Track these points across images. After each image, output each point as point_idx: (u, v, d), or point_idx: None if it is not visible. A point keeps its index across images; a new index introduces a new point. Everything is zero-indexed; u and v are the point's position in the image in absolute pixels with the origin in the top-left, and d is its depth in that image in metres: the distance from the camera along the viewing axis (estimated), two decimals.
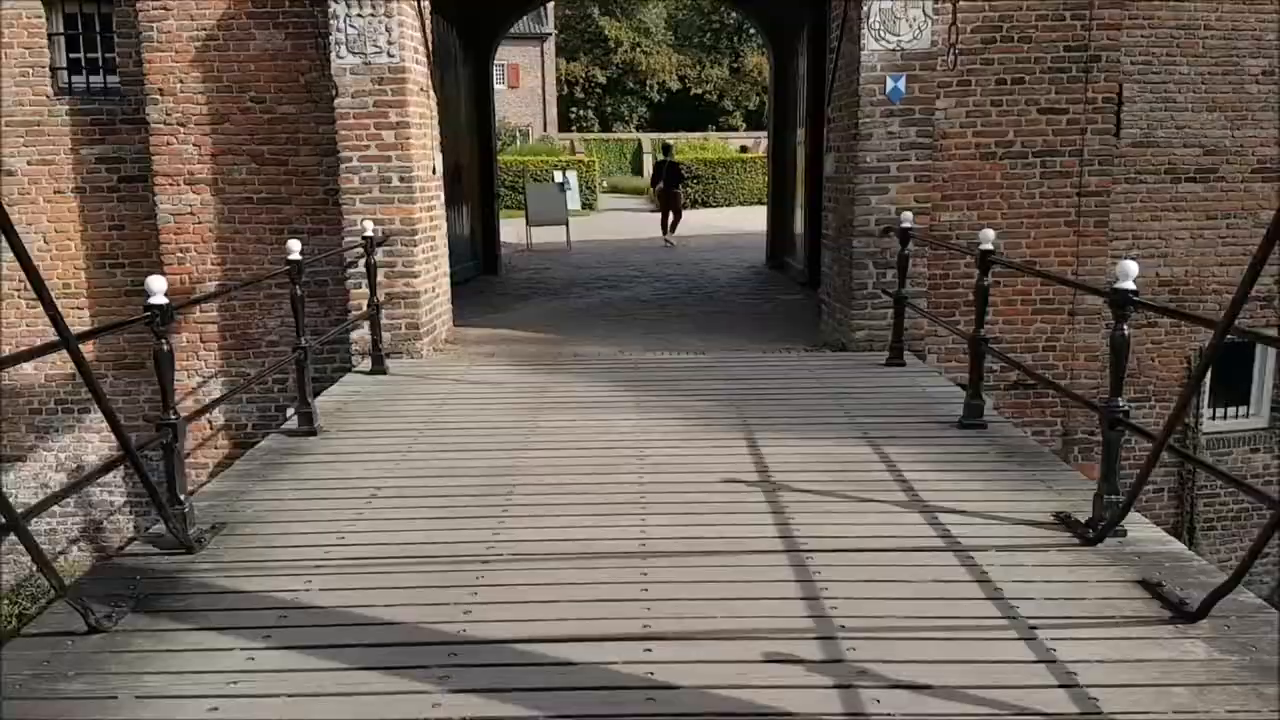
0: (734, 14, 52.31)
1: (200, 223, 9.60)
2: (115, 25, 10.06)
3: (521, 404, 7.25)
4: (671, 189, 21.82)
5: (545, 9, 48.58)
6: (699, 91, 56.61)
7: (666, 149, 24.44)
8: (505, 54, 47.11)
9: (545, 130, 48.68)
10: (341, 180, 8.84)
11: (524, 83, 49.88)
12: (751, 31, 53.13)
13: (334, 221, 9.07)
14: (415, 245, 8.95)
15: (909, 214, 8.41)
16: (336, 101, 8.75)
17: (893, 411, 6.92)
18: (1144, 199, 10.31)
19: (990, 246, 6.37)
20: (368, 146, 8.78)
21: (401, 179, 8.83)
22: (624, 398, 7.43)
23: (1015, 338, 9.62)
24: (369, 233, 8.42)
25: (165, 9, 9.33)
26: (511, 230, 21.51)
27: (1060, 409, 9.73)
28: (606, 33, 54.69)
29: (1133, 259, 4.67)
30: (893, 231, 8.68)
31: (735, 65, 57.02)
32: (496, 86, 46.84)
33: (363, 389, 7.86)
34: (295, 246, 6.52)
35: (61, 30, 10.17)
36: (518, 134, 45.61)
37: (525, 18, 45.86)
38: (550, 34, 50.26)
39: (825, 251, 10.12)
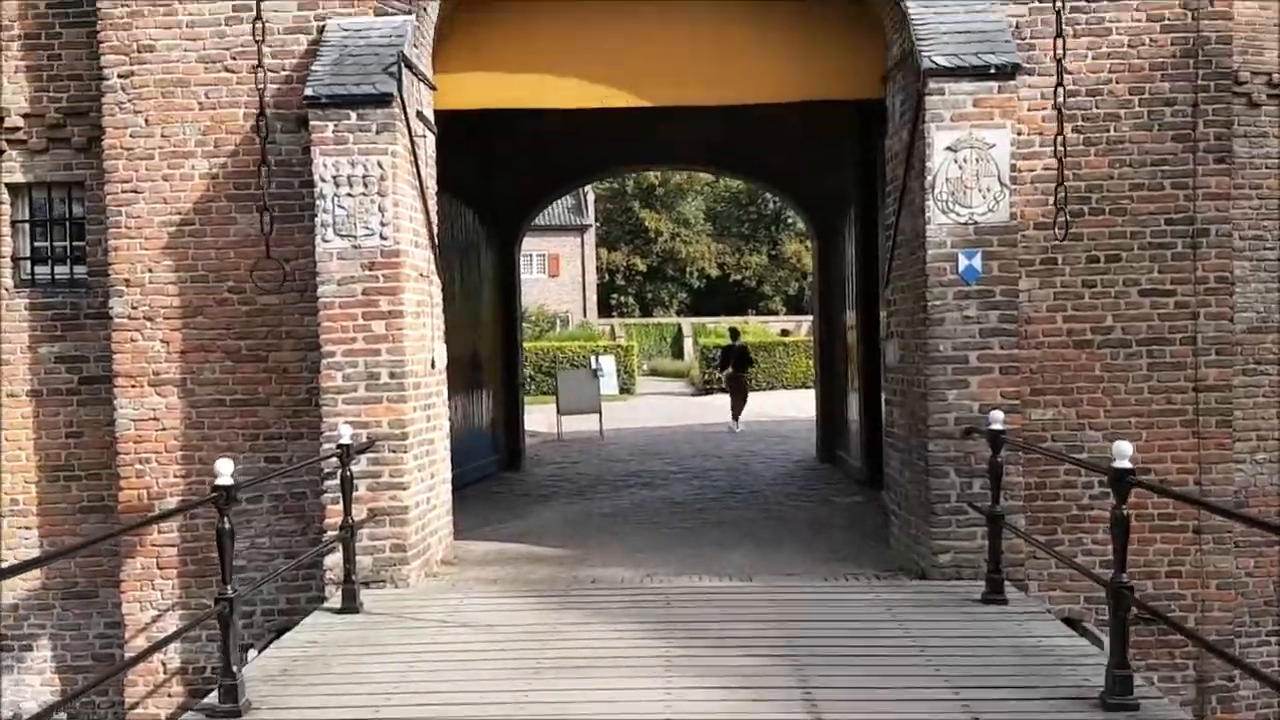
0: (772, 203, 52.60)
1: (164, 429, 8.31)
2: (85, 210, 9.09)
3: (514, 663, 5.64)
4: (739, 373, 20.76)
5: (585, 202, 49.04)
6: (738, 277, 56.48)
7: (734, 334, 23.94)
8: (545, 244, 47.26)
9: (585, 316, 48.32)
10: (323, 378, 7.56)
11: (564, 271, 49.90)
12: (790, 219, 53.26)
13: (317, 425, 7.75)
14: (406, 451, 7.56)
15: (998, 413, 6.90)
16: (321, 289, 7.58)
17: (1007, 679, 5.23)
18: (1266, 393, 8.76)
19: (1129, 464, 4.81)
20: (354, 339, 7.53)
21: (392, 375, 7.54)
22: (648, 651, 5.81)
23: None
24: (345, 439, 7.04)
25: (135, 191, 8.33)
26: (544, 417, 20.28)
27: (1192, 650, 7.92)
28: (646, 224, 55.12)
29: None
30: (977, 433, 7.18)
31: (774, 252, 57.07)
32: (536, 276, 47.00)
33: (323, 637, 6.31)
34: (225, 469, 5.12)
35: (28, 218, 9.22)
36: (557, 320, 45.21)
37: (565, 209, 46.22)
38: (591, 225, 50.59)
39: (891, 452, 8.59)
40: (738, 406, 20.25)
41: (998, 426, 6.77)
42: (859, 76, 8.67)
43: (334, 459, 7.13)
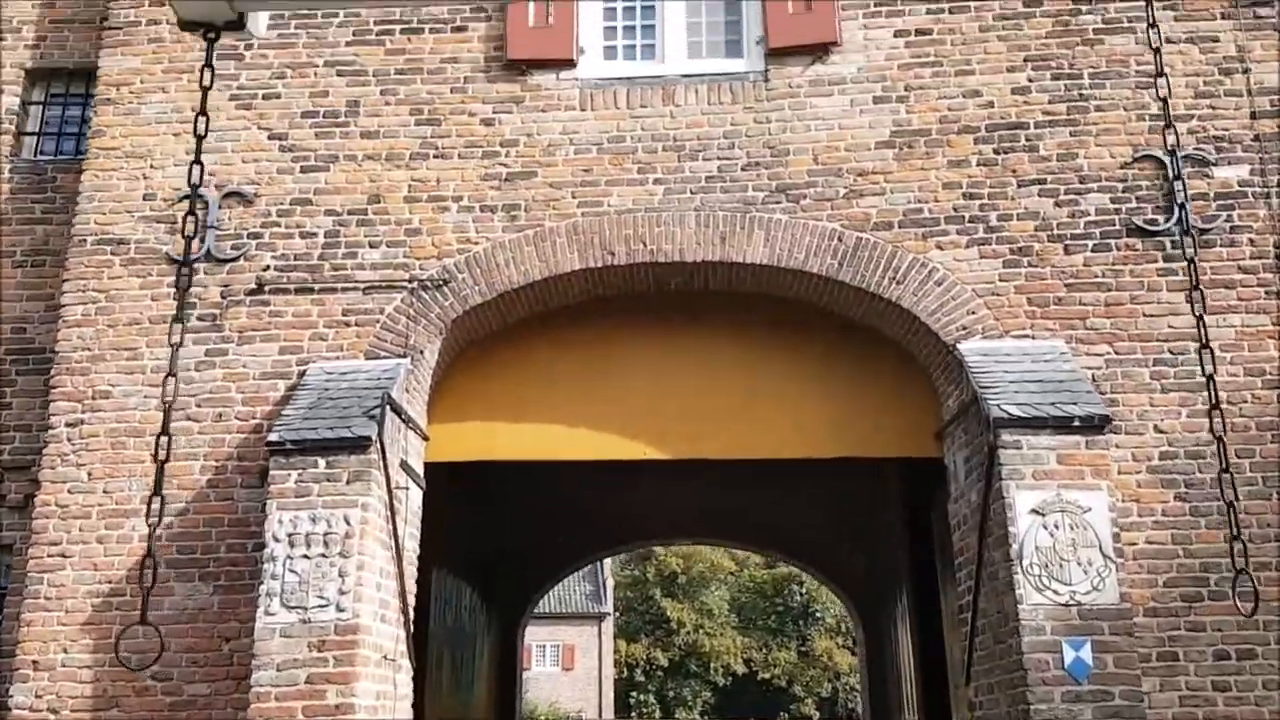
0: (799, 594, 50.51)
1: None
2: (7, 581, 7.75)
3: None
4: None
5: (604, 589, 47.21)
6: (766, 676, 53.07)
7: None
8: (560, 633, 44.90)
9: (600, 716, 44.80)
10: None
11: (579, 664, 47.01)
12: (818, 613, 50.87)
13: None
14: None
15: None
16: (255, 676, 6.05)
17: None
18: None
19: None
20: None
21: None
22: None
23: None
24: None
25: (63, 556, 7.04)
26: None
27: None
28: (669, 614, 52.80)
29: None
30: None
31: (803, 649, 54.08)
32: (549, 668, 44.15)
33: None
34: None
35: None
36: None
37: (583, 596, 44.34)
38: (609, 614, 48.38)
39: None
40: None
41: None
42: (907, 432, 7.56)
43: None
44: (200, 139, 4.24)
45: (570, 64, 7.60)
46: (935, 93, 7.48)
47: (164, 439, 4.04)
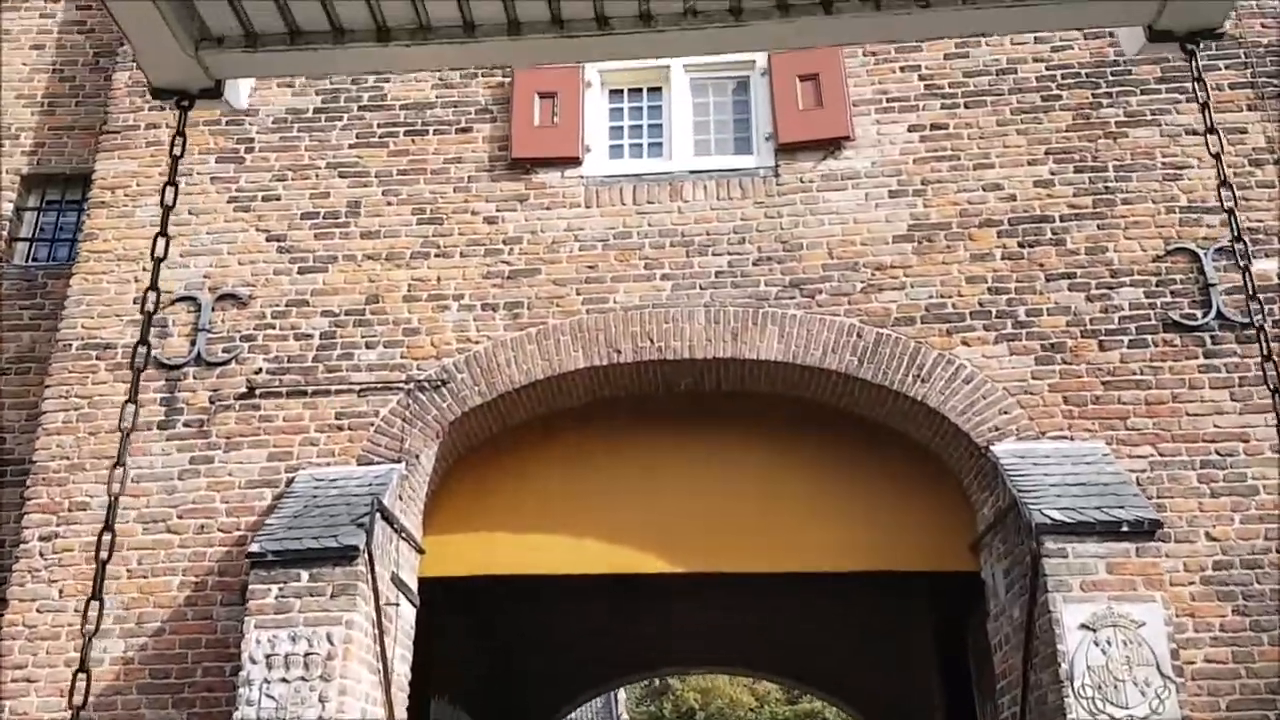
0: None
1: None
2: None
3: None
4: None
5: None
6: None
7: None
8: None
9: None
10: None
11: None
12: None
13: None
14: None
15: None
16: None
17: None
18: None
19: None
20: None
21: None
22: None
23: None
24: None
25: (29, 680, 6.52)
26: None
27: None
28: None
29: None
30: None
31: None
32: None
33: None
34: None
35: None
36: None
37: None
38: None
39: None
40: None
41: None
42: (938, 543, 7.03)
43: None
44: (168, 209, 3.91)
45: (575, 162, 7.39)
46: (954, 186, 7.21)
47: (107, 536, 3.59)
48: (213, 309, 7.26)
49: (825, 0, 3.75)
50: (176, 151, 4.12)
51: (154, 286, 4.02)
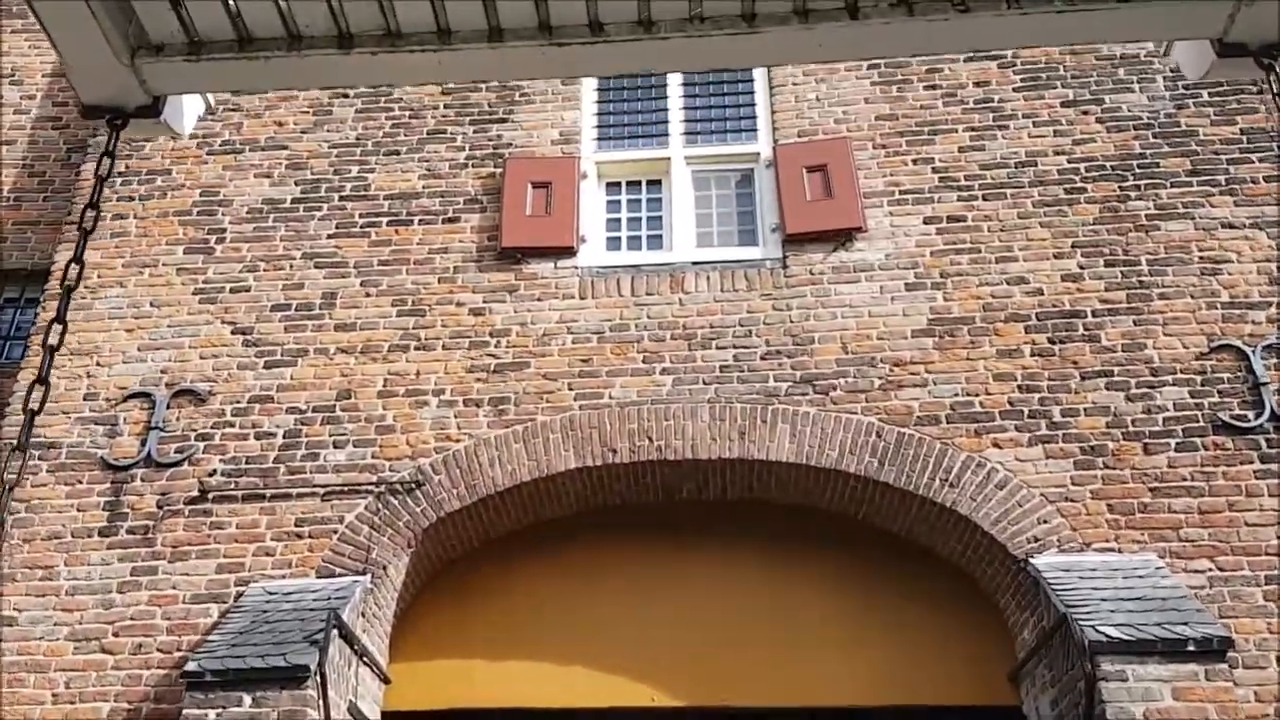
0: None
1: None
2: None
3: None
4: None
5: None
6: None
7: None
8: None
9: None
10: None
11: None
12: None
13: None
14: None
15: None
16: None
17: None
18: None
19: None
20: None
21: None
22: None
23: None
24: None
25: None
26: None
27: None
28: None
29: None
30: None
31: None
32: None
33: None
34: None
35: None
36: None
37: None
38: None
39: None
40: None
41: None
42: (970, 674, 6.22)
43: None
44: (87, 232, 3.35)
45: (569, 251, 6.90)
46: (975, 279, 6.70)
47: None
48: (168, 406, 6.62)
49: (850, 4, 3.29)
50: (102, 172, 3.58)
51: (60, 319, 3.44)
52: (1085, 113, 7.30)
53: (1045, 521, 5.91)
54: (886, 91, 7.48)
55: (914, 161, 7.17)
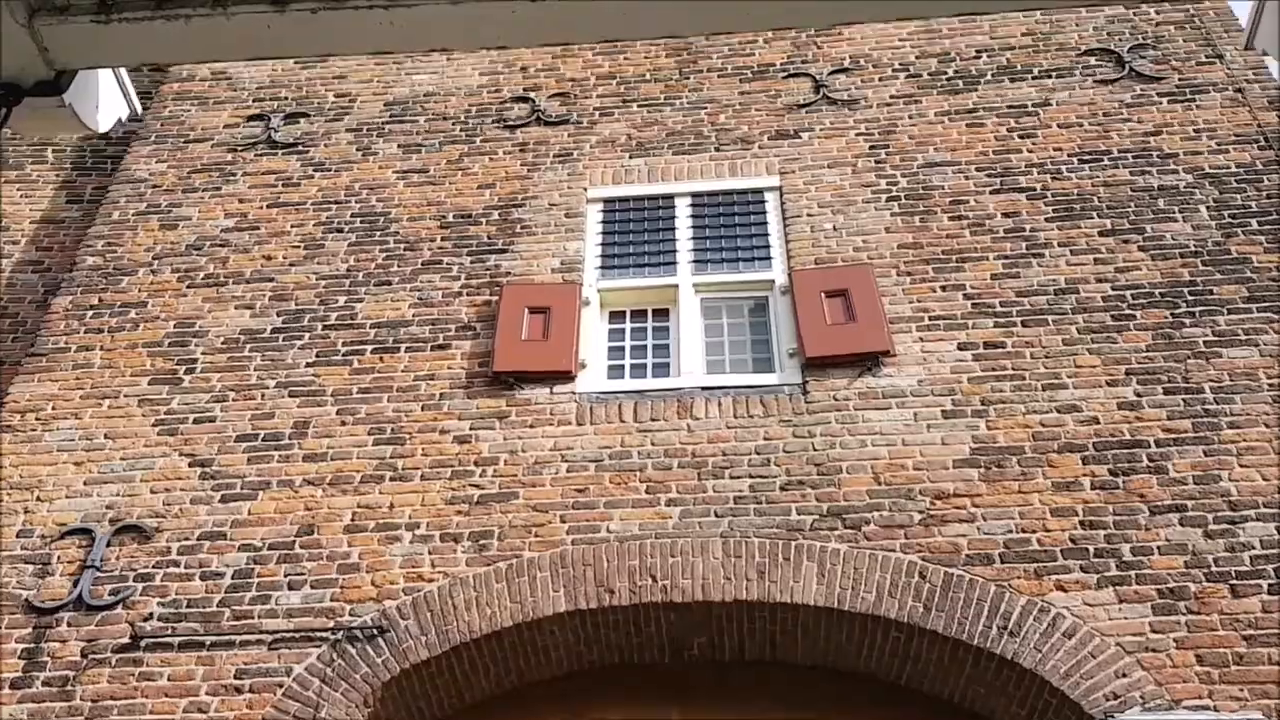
0: None
1: None
2: None
3: None
4: None
5: None
6: None
7: None
8: None
9: None
10: None
11: None
12: None
13: None
14: None
15: None
16: None
17: None
18: None
19: None
20: None
21: None
22: None
23: None
24: None
25: None
26: None
27: None
28: None
29: None
30: None
31: None
32: None
33: None
34: None
35: None
36: None
37: None
38: None
39: None
40: None
41: None
42: None
43: None
44: None
45: (567, 376, 6.26)
46: (1021, 407, 5.98)
47: None
48: (108, 543, 5.84)
49: None
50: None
51: None
52: (1126, 241, 6.78)
53: (1125, 675, 4.94)
54: (909, 222, 7.02)
55: (943, 288, 6.61)
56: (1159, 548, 5.38)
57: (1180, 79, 7.73)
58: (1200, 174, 7.11)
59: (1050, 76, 7.90)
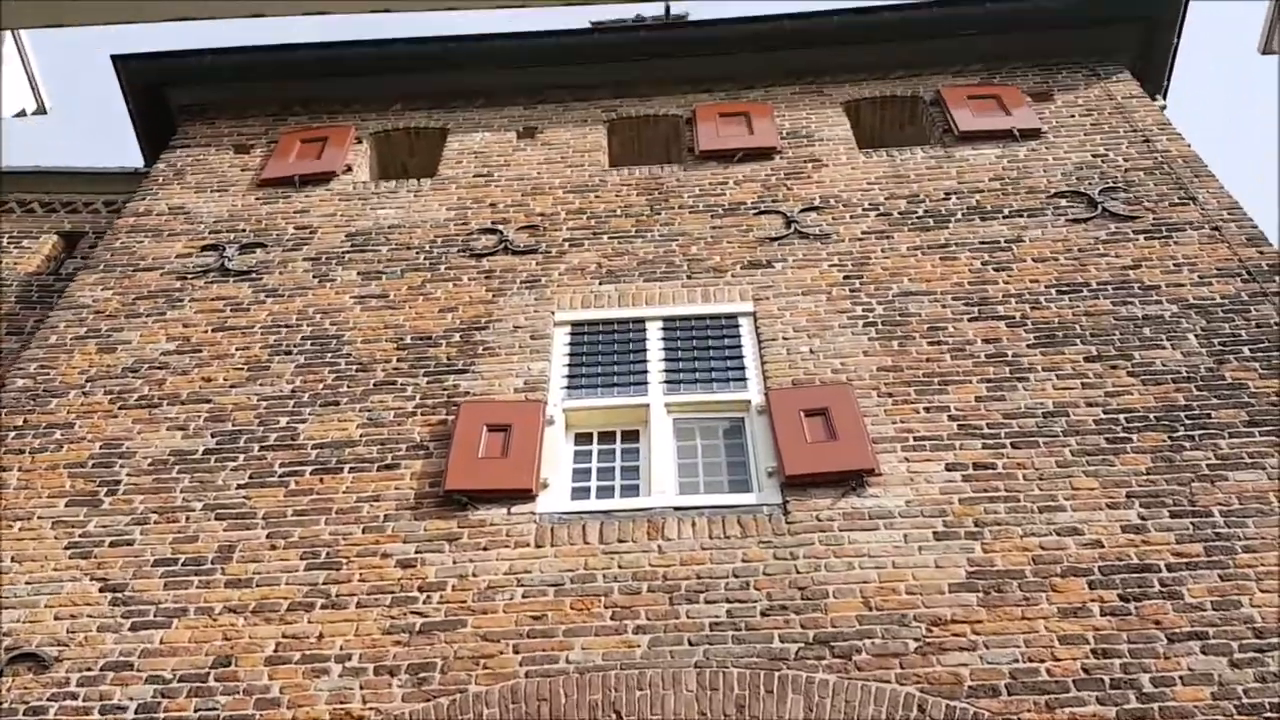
0: None
1: None
2: None
3: None
4: None
5: None
6: None
7: None
8: None
9: None
10: None
11: None
12: None
13: None
14: None
15: None
16: None
17: None
18: None
19: None
20: None
21: None
22: None
23: None
24: None
25: None
26: None
27: None
28: None
29: None
30: None
31: None
32: None
33: None
34: None
35: None
36: None
37: None
38: None
39: None
40: None
41: None
42: None
43: None
44: None
45: (528, 495, 5.73)
46: (1018, 530, 5.51)
47: None
48: (1, 674, 5.11)
49: None
50: None
51: None
52: (1114, 367, 6.49)
53: None
54: (887, 346, 6.71)
55: (926, 409, 6.23)
56: (1181, 678, 4.82)
57: (1155, 218, 7.64)
58: (1185, 304, 6.90)
59: (1022, 215, 7.80)
